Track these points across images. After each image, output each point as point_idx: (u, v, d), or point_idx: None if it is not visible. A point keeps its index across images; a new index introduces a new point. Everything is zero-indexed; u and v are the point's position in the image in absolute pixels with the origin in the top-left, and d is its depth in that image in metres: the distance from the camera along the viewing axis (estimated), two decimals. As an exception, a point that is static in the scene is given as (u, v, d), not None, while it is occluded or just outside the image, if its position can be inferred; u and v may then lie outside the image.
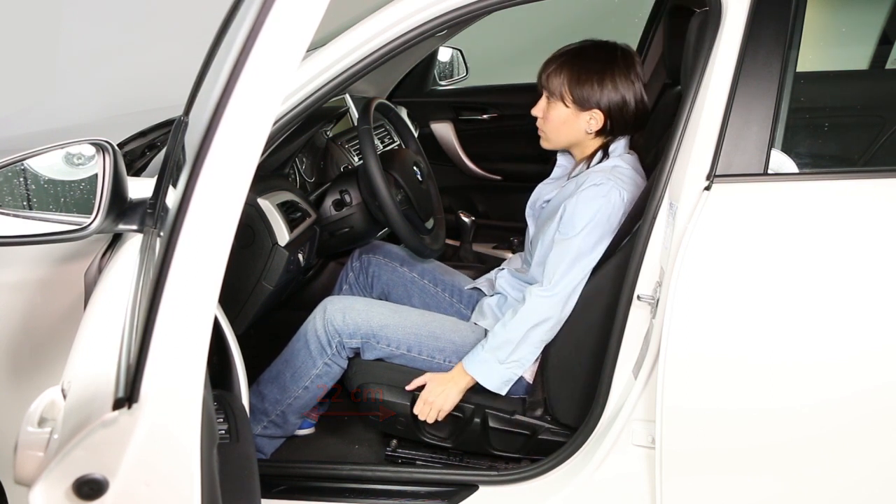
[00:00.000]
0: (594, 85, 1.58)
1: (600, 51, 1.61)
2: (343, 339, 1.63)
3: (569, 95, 1.60)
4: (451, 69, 3.02)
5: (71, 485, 0.79)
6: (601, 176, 1.55)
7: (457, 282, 1.93)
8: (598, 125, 1.61)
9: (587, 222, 1.52)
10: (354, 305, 1.65)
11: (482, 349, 1.56)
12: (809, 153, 1.39)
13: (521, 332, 1.53)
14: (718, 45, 1.29)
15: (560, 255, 1.54)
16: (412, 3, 1.35)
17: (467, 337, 1.66)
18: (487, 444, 1.63)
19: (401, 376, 1.64)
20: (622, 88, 1.58)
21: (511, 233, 2.55)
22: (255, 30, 0.77)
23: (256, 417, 1.69)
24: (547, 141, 1.69)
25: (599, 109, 1.59)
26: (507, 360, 1.55)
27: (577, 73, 1.59)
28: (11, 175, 1.29)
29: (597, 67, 1.58)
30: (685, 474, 1.36)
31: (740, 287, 1.26)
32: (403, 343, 1.63)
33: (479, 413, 1.62)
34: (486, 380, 1.56)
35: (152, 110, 1.83)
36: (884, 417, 1.27)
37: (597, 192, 1.53)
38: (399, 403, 1.63)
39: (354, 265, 1.97)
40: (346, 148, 2.26)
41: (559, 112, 1.62)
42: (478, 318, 1.75)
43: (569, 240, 1.53)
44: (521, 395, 1.64)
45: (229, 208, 0.82)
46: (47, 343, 1.38)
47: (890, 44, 1.93)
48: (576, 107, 1.60)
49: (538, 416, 1.61)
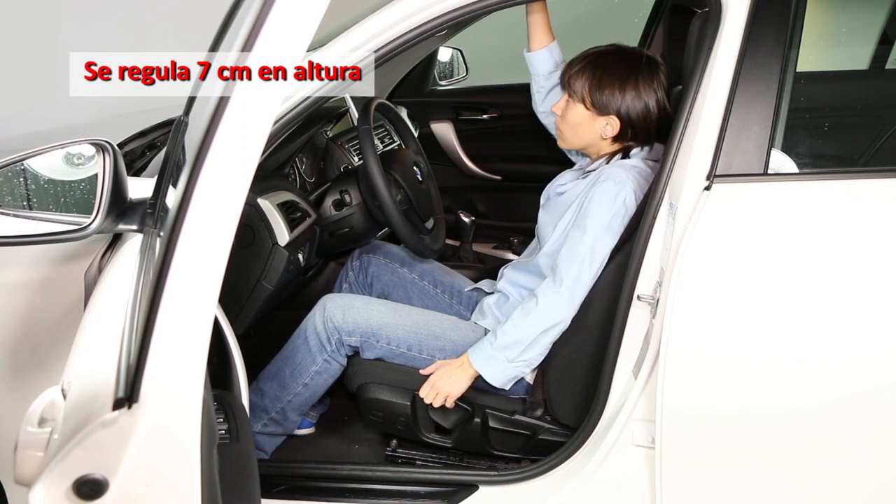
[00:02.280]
0: (615, 91, 1.56)
1: (625, 57, 1.60)
2: (342, 337, 1.62)
3: (589, 98, 1.58)
4: (451, 69, 3.02)
5: (71, 485, 0.79)
6: (622, 173, 1.53)
7: (456, 283, 1.93)
8: (614, 132, 1.59)
9: (604, 222, 1.50)
10: (354, 303, 1.65)
11: (490, 346, 1.55)
12: (809, 153, 1.39)
13: (535, 333, 1.52)
14: (718, 45, 1.29)
15: (573, 253, 1.52)
16: (412, 3, 1.35)
17: (467, 336, 1.66)
18: (487, 444, 1.63)
19: (401, 376, 1.64)
20: (645, 96, 1.56)
21: (511, 233, 2.55)
22: (256, 30, 0.77)
23: (256, 415, 1.69)
24: (563, 140, 1.69)
25: (617, 116, 1.58)
26: (517, 360, 1.54)
27: (600, 78, 1.57)
28: (11, 175, 1.29)
29: (619, 74, 1.57)
30: (685, 474, 1.36)
31: (740, 287, 1.26)
32: (403, 342, 1.63)
33: (479, 413, 1.62)
34: (493, 377, 1.55)
35: (152, 110, 1.83)
36: (884, 418, 1.27)
37: (615, 192, 1.51)
38: (399, 403, 1.63)
39: (354, 265, 1.97)
40: (346, 148, 2.26)
41: (577, 113, 1.61)
42: (478, 318, 1.75)
43: (583, 237, 1.51)
44: (522, 395, 1.64)
45: (229, 208, 0.82)
46: (47, 343, 1.38)
47: (890, 44, 1.94)
48: (595, 110, 1.59)
49: (538, 416, 1.61)
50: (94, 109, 2.12)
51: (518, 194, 2.80)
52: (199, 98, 1.28)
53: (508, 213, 2.78)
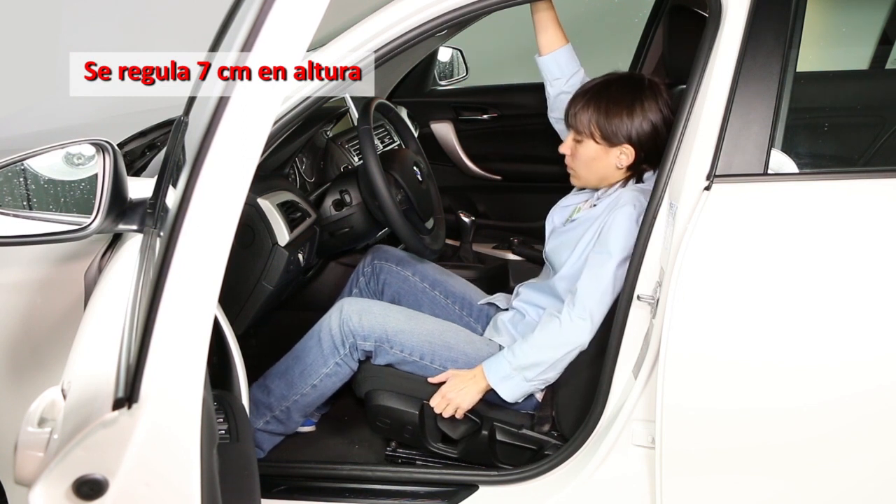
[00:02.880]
0: (622, 118, 1.55)
1: (626, 83, 1.59)
2: (357, 341, 1.61)
3: (598, 131, 1.57)
4: (451, 69, 3.02)
5: (71, 485, 0.79)
6: (641, 198, 1.52)
7: (468, 295, 1.92)
8: (630, 160, 1.58)
9: (626, 248, 1.48)
10: (372, 308, 1.64)
11: (508, 365, 1.54)
12: (809, 153, 1.39)
13: (556, 356, 1.51)
14: (718, 45, 1.29)
15: (597, 280, 1.50)
16: (412, 3, 1.35)
17: (481, 350, 1.65)
18: (493, 456, 1.61)
19: (410, 384, 1.62)
20: (651, 117, 1.55)
21: (511, 233, 2.54)
22: (256, 30, 0.77)
23: (260, 412, 1.68)
24: (577, 178, 1.67)
25: (630, 144, 1.56)
26: (535, 379, 1.54)
27: (606, 108, 1.56)
28: (11, 175, 1.29)
29: (625, 101, 1.56)
30: (685, 474, 1.36)
31: (740, 287, 1.26)
32: (417, 350, 1.62)
33: (487, 425, 1.61)
34: (509, 394, 1.55)
35: (152, 110, 1.83)
36: (884, 418, 1.27)
37: (636, 216, 1.49)
38: (407, 411, 1.62)
39: (366, 270, 1.96)
40: (346, 148, 2.26)
41: (588, 149, 1.59)
42: (492, 335, 1.74)
43: (606, 264, 1.50)
44: (531, 410, 1.63)
45: (229, 208, 0.82)
46: (47, 343, 1.38)
47: (890, 44, 1.94)
48: (605, 143, 1.57)
49: (545, 431, 1.60)
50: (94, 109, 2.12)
51: (518, 194, 2.80)
52: (199, 98, 1.28)
53: (508, 213, 2.78)
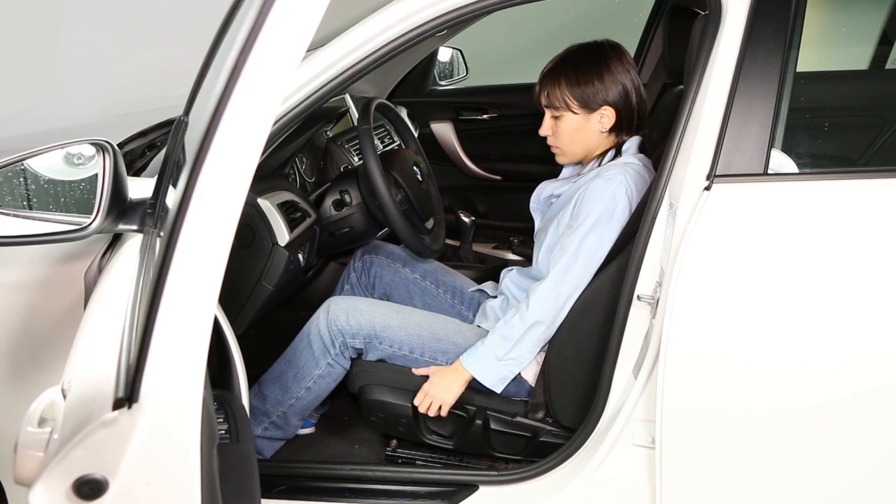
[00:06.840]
0: (594, 82, 1.58)
1: (589, 49, 1.62)
2: (346, 340, 1.62)
3: (574, 101, 1.59)
4: (451, 69, 3.02)
5: (71, 485, 0.79)
6: (614, 170, 1.55)
7: (458, 283, 1.93)
8: (611, 121, 1.60)
9: (594, 217, 1.51)
10: (358, 306, 1.65)
11: (481, 344, 1.56)
12: (809, 153, 1.39)
13: (521, 330, 1.53)
14: (718, 46, 1.29)
15: (561, 249, 1.54)
16: (412, 3, 1.35)
17: (470, 339, 1.66)
18: (489, 445, 1.63)
19: (403, 378, 1.63)
20: (621, 77, 1.59)
21: (511, 233, 2.55)
22: (255, 30, 0.77)
23: (257, 419, 1.69)
24: (563, 155, 1.68)
25: (608, 105, 1.59)
26: (505, 358, 1.54)
27: (576, 77, 1.59)
28: (11, 175, 1.29)
29: (592, 65, 1.59)
30: (685, 474, 1.36)
31: (740, 287, 1.26)
32: (406, 344, 1.63)
33: (481, 415, 1.61)
34: (483, 376, 1.55)
35: (152, 110, 1.83)
36: (884, 418, 1.27)
37: (606, 187, 1.52)
38: (401, 405, 1.63)
39: (356, 265, 1.97)
40: (346, 148, 2.26)
41: (569, 122, 1.62)
42: (481, 321, 1.75)
43: (573, 233, 1.52)
44: (524, 397, 1.63)
45: (229, 208, 0.82)
46: (47, 343, 1.38)
47: (890, 44, 1.94)
48: (585, 110, 1.60)
49: (540, 418, 1.61)
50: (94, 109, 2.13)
51: (518, 194, 2.79)
52: (199, 98, 1.28)
53: (508, 213, 2.78)
